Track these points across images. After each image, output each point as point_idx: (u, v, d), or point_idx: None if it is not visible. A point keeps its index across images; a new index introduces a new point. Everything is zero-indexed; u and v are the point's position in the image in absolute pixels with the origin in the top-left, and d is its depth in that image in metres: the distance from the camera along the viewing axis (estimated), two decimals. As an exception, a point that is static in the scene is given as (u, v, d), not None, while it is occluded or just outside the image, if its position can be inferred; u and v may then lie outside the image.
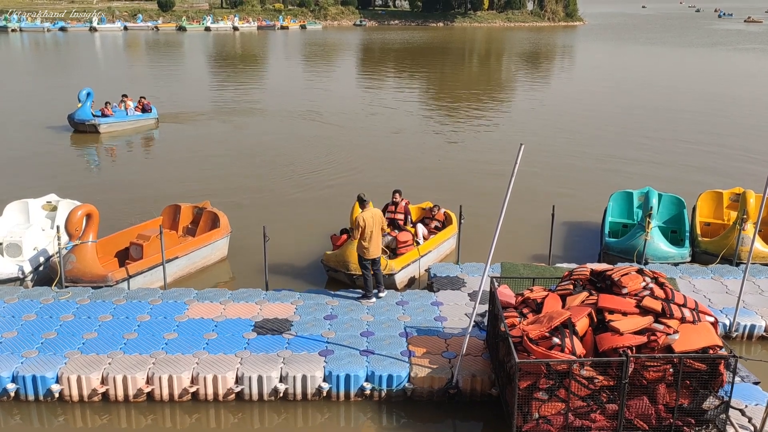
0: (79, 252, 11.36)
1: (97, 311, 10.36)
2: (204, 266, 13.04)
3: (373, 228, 10.63)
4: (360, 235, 10.61)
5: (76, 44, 68.45)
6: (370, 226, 10.58)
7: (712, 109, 32.36)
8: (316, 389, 8.84)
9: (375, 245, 10.73)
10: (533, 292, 8.82)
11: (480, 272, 11.91)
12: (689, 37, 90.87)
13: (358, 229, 10.55)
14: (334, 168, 21.07)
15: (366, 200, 10.79)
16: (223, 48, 69.20)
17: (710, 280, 11.99)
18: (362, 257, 10.76)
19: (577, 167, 21.36)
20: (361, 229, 10.54)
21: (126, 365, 8.87)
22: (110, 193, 17.70)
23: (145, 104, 26.54)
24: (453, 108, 33.21)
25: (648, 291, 8.16)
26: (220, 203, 14.95)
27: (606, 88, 40.00)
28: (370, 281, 10.84)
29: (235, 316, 10.30)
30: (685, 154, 23.30)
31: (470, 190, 18.18)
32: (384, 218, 11.03)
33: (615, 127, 27.83)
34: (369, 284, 10.85)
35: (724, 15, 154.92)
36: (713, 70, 51.57)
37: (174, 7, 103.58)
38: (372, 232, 10.60)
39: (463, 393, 8.80)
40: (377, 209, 10.96)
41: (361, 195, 10.91)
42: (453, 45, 75.27)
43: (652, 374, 7.55)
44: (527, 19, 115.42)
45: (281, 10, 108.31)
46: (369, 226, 10.56)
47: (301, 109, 31.67)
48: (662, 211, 14.28)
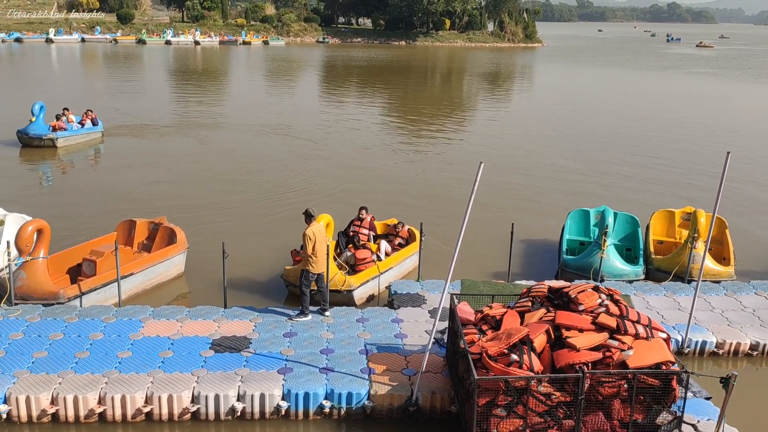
0: (30, 268, 11.02)
1: (48, 329, 10.05)
2: (160, 283, 12.79)
3: (322, 242, 10.69)
4: (311, 250, 10.60)
5: (32, 55, 66.96)
6: (320, 241, 10.65)
7: (665, 130, 33.34)
8: (274, 408, 8.71)
9: (323, 260, 10.78)
10: (492, 309, 8.89)
11: (440, 289, 11.95)
12: (643, 60, 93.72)
13: (310, 242, 10.56)
14: (295, 183, 20.98)
15: (313, 215, 10.77)
16: (184, 62, 68.58)
17: (663, 297, 12.28)
18: (308, 272, 10.73)
19: (536, 185, 21.72)
20: (312, 242, 10.55)
21: (77, 385, 8.61)
22: (61, 208, 17.24)
23: (93, 117, 25.94)
24: (415, 125, 33.49)
25: (603, 308, 8.32)
26: (177, 218, 14.71)
27: (564, 109, 40.88)
28: (308, 298, 10.78)
29: (192, 334, 10.11)
30: (640, 173, 23.92)
31: (432, 207, 18.30)
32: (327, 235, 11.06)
33: (573, 147, 28.44)
34: (306, 301, 10.78)
35: (673, 39, 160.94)
36: (666, 92, 53.20)
37: (134, 20, 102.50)
38: (320, 247, 10.66)
39: (422, 410, 8.79)
40: (321, 225, 10.99)
41: (308, 210, 10.84)
42: (415, 63, 76.11)
43: (608, 390, 7.67)
44: (488, 40, 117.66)
45: (243, 25, 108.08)
46: (319, 240, 10.63)
47: (263, 124, 31.52)
48: (617, 229, 14.61)
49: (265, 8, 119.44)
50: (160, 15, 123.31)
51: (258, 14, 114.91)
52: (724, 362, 10.63)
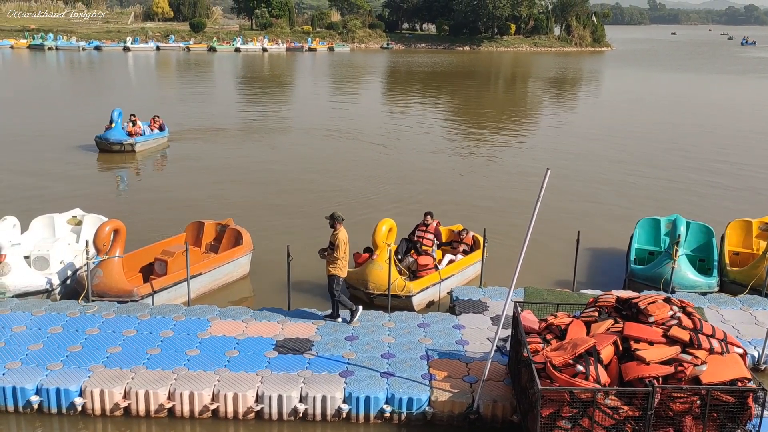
0: (106, 267, 11.51)
1: (122, 326, 10.47)
2: (226, 283, 13.13)
3: (348, 246, 10.85)
4: (342, 253, 10.68)
5: (110, 63, 70.10)
6: (348, 245, 10.81)
7: (743, 137, 31.96)
8: (335, 410, 8.79)
9: (348, 263, 10.92)
10: (557, 318, 8.71)
11: (503, 296, 11.81)
12: (719, 64, 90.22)
13: (344, 246, 10.66)
14: (359, 186, 21.16)
15: (339, 219, 10.80)
16: (252, 68, 70.37)
17: (739, 310, 11.75)
18: (339, 277, 10.75)
19: (604, 193, 21.19)
20: (345, 246, 10.66)
21: (148, 380, 8.93)
22: (135, 209, 17.96)
23: (161, 123, 26.79)
24: (479, 131, 33.25)
25: (675, 320, 8.02)
26: (243, 220, 15.06)
27: (634, 114, 39.75)
28: (346, 298, 10.95)
29: (256, 335, 10.32)
30: (715, 181, 23.00)
31: (496, 214, 18.13)
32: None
33: (643, 153, 27.59)
34: (347, 302, 10.91)
35: (748, 43, 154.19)
36: (744, 97, 50.98)
37: (205, 28, 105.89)
38: (349, 251, 10.85)
39: (483, 418, 8.69)
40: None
41: (336, 214, 10.84)
42: (480, 69, 75.61)
43: (679, 405, 7.39)
44: (554, 44, 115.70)
45: (310, 32, 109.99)
46: (348, 244, 10.79)
47: (329, 129, 31.99)
48: (690, 239, 14.08)
49: (330, 15, 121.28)
50: (230, 23, 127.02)
51: (324, 21, 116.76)
52: (804, 381, 10.07)
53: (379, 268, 11.88)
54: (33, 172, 22.03)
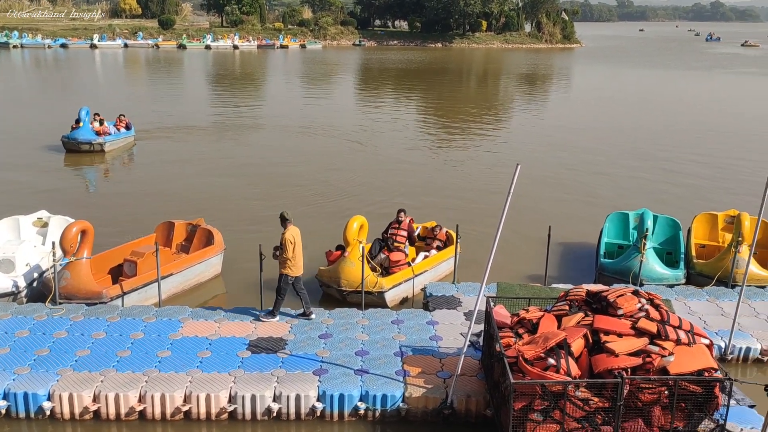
0: (74, 268, 11.31)
1: (91, 328, 10.30)
2: (198, 283, 13.00)
3: (300, 245, 10.79)
4: (290, 253, 10.65)
5: (76, 61, 68.83)
6: (298, 244, 10.74)
7: (709, 131, 32.57)
8: (309, 409, 8.78)
9: (301, 263, 10.86)
10: (529, 313, 8.79)
11: (476, 292, 11.85)
12: (687, 60, 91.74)
13: (290, 246, 10.62)
14: (333, 184, 21.10)
15: (288, 219, 10.80)
16: (223, 66, 69.67)
17: (705, 302, 11.98)
18: (287, 275, 10.77)
19: (574, 188, 21.43)
20: (292, 246, 10.63)
21: (118, 383, 8.80)
22: (103, 210, 17.66)
23: (127, 122, 26.31)
24: (452, 128, 33.37)
25: (643, 312, 8.15)
26: (214, 220, 14.92)
27: (604, 110, 40.25)
28: (282, 300, 10.86)
29: (229, 335, 10.25)
30: (681, 175, 23.40)
31: (469, 210, 18.21)
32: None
33: (612, 148, 27.97)
34: (279, 303, 10.85)
35: (712, 39, 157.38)
36: (710, 92, 51.96)
37: (174, 25, 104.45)
38: (299, 250, 10.77)
39: (457, 413, 8.74)
40: (296, 227, 10.95)
41: (284, 213, 10.85)
42: (452, 65, 75.88)
43: (648, 396, 7.52)
44: (525, 41, 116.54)
45: (281, 29, 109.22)
46: (298, 243, 10.72)
47: (301, 126, 31.84)
48: (658, 232, 14.32)
49: (302, 12, 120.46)
50: (200, 20, 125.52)
51: (295, 18, 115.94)
52: (769, 370, 10.33)
53: (350, 265, 11.87)
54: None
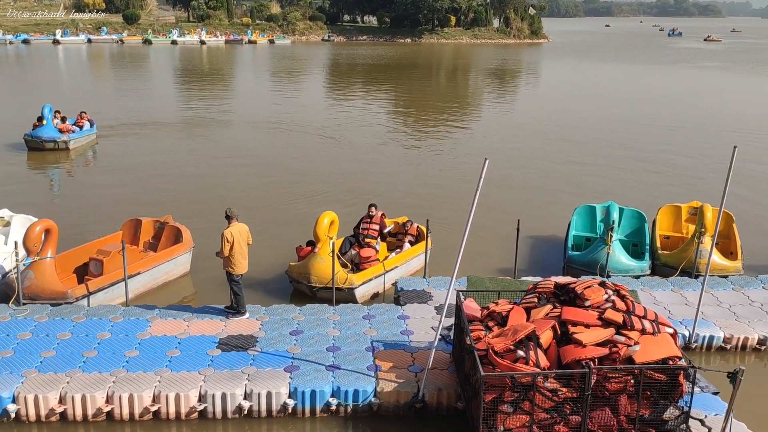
0: (38, 268, 11.07)
1: (56, 329, 10.11)
2: (166, 282, 12.83)
3: (240, 242, 10.56)
4: (227, 251, 10.53)
5: (39, 57, 67.27)
6: (239, 242, 10.55)
7: (672, 125, 33.17)
8: (281, 406, 8.74)
9: (243, 260, 10.67)
10: (498, 306, 8.87)
11: (447, 286, 11.93)
12: (651, 54, 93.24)
13: (227, 244, 10.47)
14: (303, 180, 20.98)
15: (233, 215, 10.66)
16: (190, 61, 68.77)
17: (670, 292, 12.23)
18: (230, 273, 10.66)
19: (542, 181, 21.66)
20: (229, 244, 10.48)
21: (85, 384, 8.66)
22: (67, 208, 17.34)
23: (88, 119, 25.78)
24: (421, 123, 33.45)
25: (610, 303, 8.29)
26: (182, 217, 14.74)
27: (570, 104, 40.72)
28: (241, 297, 10.73)
29: (199, 333, 10.14)
30: (647, 168, 23.81)
31: (440, 204, 18.29)
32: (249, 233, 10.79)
33: (579, 142, 28.33)
34: (241, 300, 10.73)
35: (674, 33, 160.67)
36: (674, 86, 52.91)
37: (139, 20, 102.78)
38: (240, 248, 10.58)
39: (429, 407, 8.79)
40: (243, 224, 10.78)
41: (227, 210, 10.72)
42: (421, 61, 76.01)
43: (614, 385, 7.65)
44: (493, 36, 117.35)
45: (249, 24, 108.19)
46: (237, 241, 10.53)
47: (271, 122, 31.61)
48: (624, 224, 14.56)
49: (270, 7, 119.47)
50: (166, 15, 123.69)
51: (263, 13, 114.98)
52: (731, 357, 10.59)
53: (320, 261, 11.84)
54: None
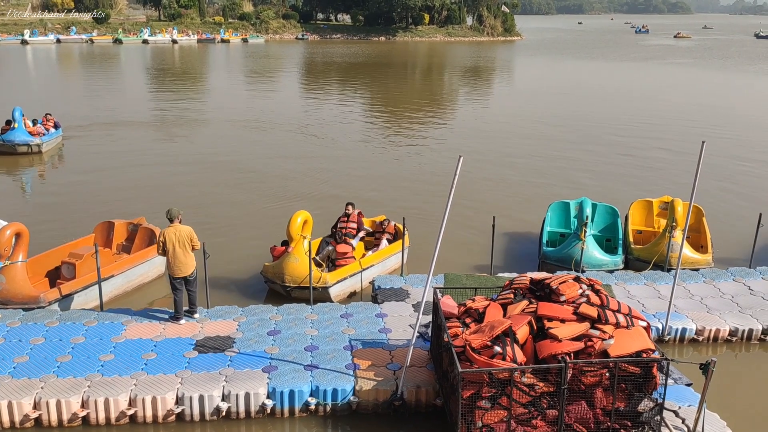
0: (9, 273, 10.87)
1: (29, 334, 9.94)
2: (141, 284, 12.70)
3: (176, 244, 10.19)
4: (159, 251, 10.34)
5: (6, 58, 65.96)
6: (172, 242, 10.17)
7: (643, 121, 33.66)
8: (259, 406, 8.70)
9: (179, 263, 10.26)
10: (475, 302, 8.93)
11: (424, 283, 12.00)
12: (622, 51, 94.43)
13: (159, 246, 10.27)
14: (278, 179, 20.89)
15: (172, 217, 10.34)
16: (162, 61, 67.97)
17: (643, 286, 12.42)
18: (169, 275, 10.45)
19: (517, 178, 21.84)
20: (161, 244, 10.24)
21: (60, 389, 8.53)
22: (37, 211, 17.06)
23: (54, 121, 25.31)
24: (397, 121, 33.49)
25: (584, 298, 8.39)
26: (155, 219, 14.56)
27: (544, 101, 41.09)
28: (178, 302, 10.43)
29: (175, 336, 10.05)
30: (619, 164, 24.14)
31: (417, 202, 18.34)
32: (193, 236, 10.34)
33: (552, 139, 28.61)
34: (177, 305, 10.42)
35: (641, 30, 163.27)
36: (644, 82, 53.66)
37: (109, 19, 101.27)
38: (174, 250, 10.21)
39: (408, 404, 8.82)
40: (186, 227, 10.36)
41: (167, 211, 10.45)
42: (396, 59, 76.04)
43: (590, 379, 7.75)
44: (467, 34, 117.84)
45: (222, 23, 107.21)
46: (170, 241, 10.17)
47: (243, 120, 31.41)
48: (597, 220, 14.74)
49: (242, 5, 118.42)
50: (137, 14, 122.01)
51: (236, 12, 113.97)
52: (704, 349, 10.79)
53: (294, 261, 11.82)
54: None
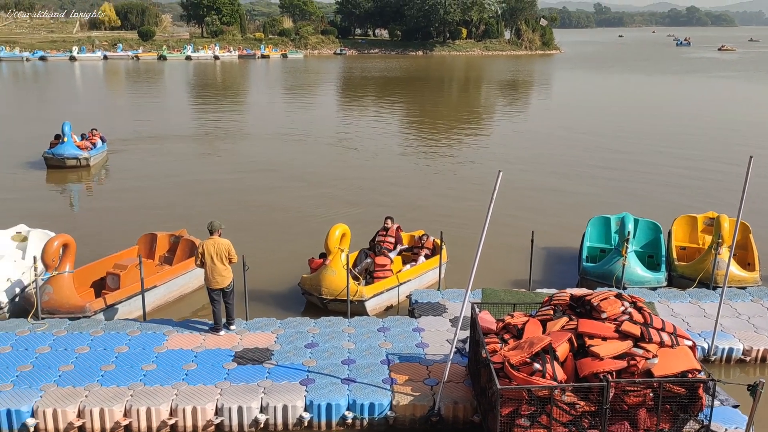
0: (56, 283, 11.19)
1: (74, 343, 10.20)
2: (182, 295, 12.92)
3: (214, 257, 10.32)
4: (197, 263, 10.49)
5: (56, 74, 68.22)
6: (209, 254, 10.32)
7: (688, 135, 32.99)
8: (297, 419, 8.74)
9: (216, 276, 10.40)
10: (514, 318, 8.84)
11: (461, 298, 11.92)
12: (665, 64, 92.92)
13: (198, 257, 10.42)
14: (317, 192, 21.07)
15: (213, 229, 10.47)
16: (204, 76, 69.47)
17: (688, 304, 12.12)
18: (207, 287, 10.59)
19: (556, 193, 21.59)
20: (199, 258, 10.39)
21: (103, 397, 8.71)
22: (83, 223, 17.52)
23: (101, 135, 25.96)
24: (434, 135, 33.50)
25: (627, 316, 8.23)
26: (197, 231, 14.81)
27: (584, 115, 40.65)
28: (217, 313, 10.57)
29: (214, 347, 10.19)
30: (661, 179, 23.67)
31: (455, 217, 18.27)
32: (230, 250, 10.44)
33: (593, 153, 28.24)
34: (216, 316, 10.59)
35: (682, 43, 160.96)
36: (689, 96, 52.66)
37: (154, 36, 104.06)
38: (212, 262, 10.34)
39: (445, 420, 8.75)
40: (224, 240, 10.48)
41: (209, 223, 10.60)
42: (433, 73, 76.23)
43: (633, 399, 7.58)
44: (505, 48, 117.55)
45: (262, 39, 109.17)
46: (209, 254, 10.32)
47: (283, 134, 31.86)
48: (639, 235, 14.47)
49: (282, 22, 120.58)
50: (181, 31, 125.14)
51: (276, 28, 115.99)
52: (751, 369, 10.46)
53: (331, 274, 11.87)
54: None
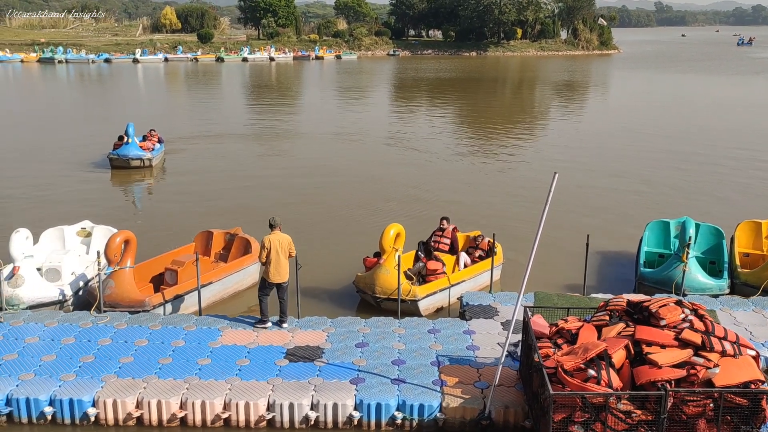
0: (118, 277, 11.58)
1: (134, 336, 10.53)
2: (236, 292, 13.17)
3: (279, 251, 10.60)
4: (263, 257, 10.64)
5: (120, 75, 70.65)
6: (275, 248, 10.58)
7: (752, 138, 31.76)
8: (347, 418, 8.80)
9: (280, 270, 10.66)
10: (568, 323, 8.68)
11: (513, 301, 11.77)
12: (730, 65, 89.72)
13: (264, 251, 10.60)
14: (372, 192, 21.17)
15: (275, 224, 10.76)
16: (260, 77, 70.77)
17: (751, 312, 11.66)
18: (264, 279, 10.79)
19: (613, 196, 21.11)
20: (266, 250, 10.58)
21: (160, 390, 8.97)
22: (143, 220, 18.09)
23: (159, 136, 26.52)
24: (489, 136, 33.24)
25: (687, 323, 7.99)
26: (251, 229, 15.10)
27: (642, 116, 39.59)
28: (265, 306, 10.82)
29: (267, 343, 10.35)
30: (723, 182, 22.87)
31: (510, 218, 18.07)
32: (291, 244, 10.78)
33: (651, 155, 27.48)
34: (263, 308, 10.82)
35: (744, 43, 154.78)
36: (755, 97, 50.68)
37: (213, 39, 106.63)
38: (277, 256, 10.60)
39: (495, 424, 8.66)
40: (285, 235, 10.78)
41: (270, 219, 10.85)
42: (487, 74, 75.61)
43: (692, 409, 7.35)
44: (561, 48, 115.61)
45: (316, 40, 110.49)
46: (274, 248, 10.57)
47: (338, 134, 32.19)
48: (700, 241, 13.99)
49: (337, 23, 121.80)
50: (238, 33, 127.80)
51: (330, 30, 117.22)
52: (819, 383, 9.97)
53: (385, 273, 11.90)
54: (43, 186, 22.14)
